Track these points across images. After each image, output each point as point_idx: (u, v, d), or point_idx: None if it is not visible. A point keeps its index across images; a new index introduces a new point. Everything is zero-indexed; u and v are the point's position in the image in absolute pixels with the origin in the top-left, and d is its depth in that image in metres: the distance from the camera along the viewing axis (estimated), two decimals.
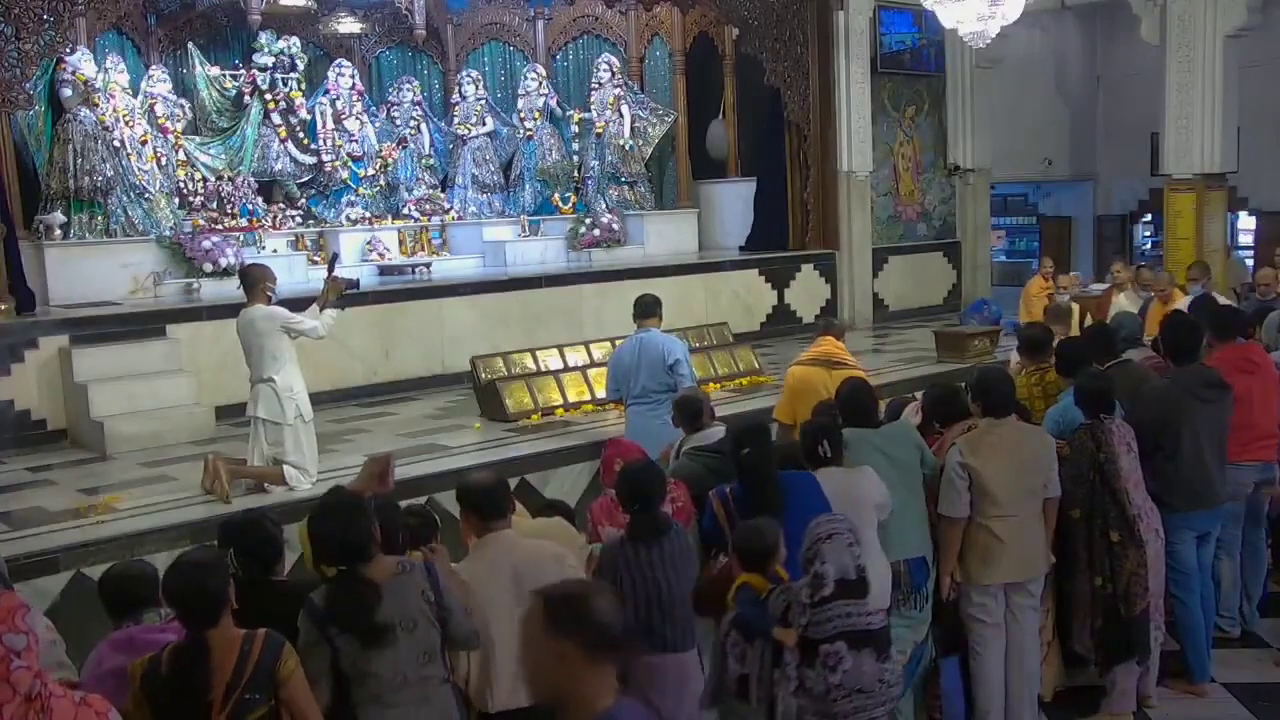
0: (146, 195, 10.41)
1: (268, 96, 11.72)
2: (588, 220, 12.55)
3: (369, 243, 11.63)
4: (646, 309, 6.82)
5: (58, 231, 9.61)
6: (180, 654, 2.93)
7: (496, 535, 3.63)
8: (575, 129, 13.40)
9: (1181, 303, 7.87)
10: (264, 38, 11.65)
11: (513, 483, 3.85)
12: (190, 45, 11.66)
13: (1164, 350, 5.52)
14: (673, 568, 3.83)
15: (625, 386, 6.69)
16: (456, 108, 13.22)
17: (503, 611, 3.50)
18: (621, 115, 13.02)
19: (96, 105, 10.03)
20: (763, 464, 4.13)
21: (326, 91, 12.27)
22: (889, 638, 3.50)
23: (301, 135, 11.99)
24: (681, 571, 3.87)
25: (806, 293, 12.39)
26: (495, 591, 3.52)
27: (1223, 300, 7.89)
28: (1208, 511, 5.24)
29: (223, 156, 11.50)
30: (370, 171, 12.39)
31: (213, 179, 11.25)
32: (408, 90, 12.93)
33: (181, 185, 10.99)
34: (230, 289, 9.71)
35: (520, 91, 13.36)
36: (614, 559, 3.86)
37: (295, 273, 10.67)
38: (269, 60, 11.72)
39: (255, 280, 6.36)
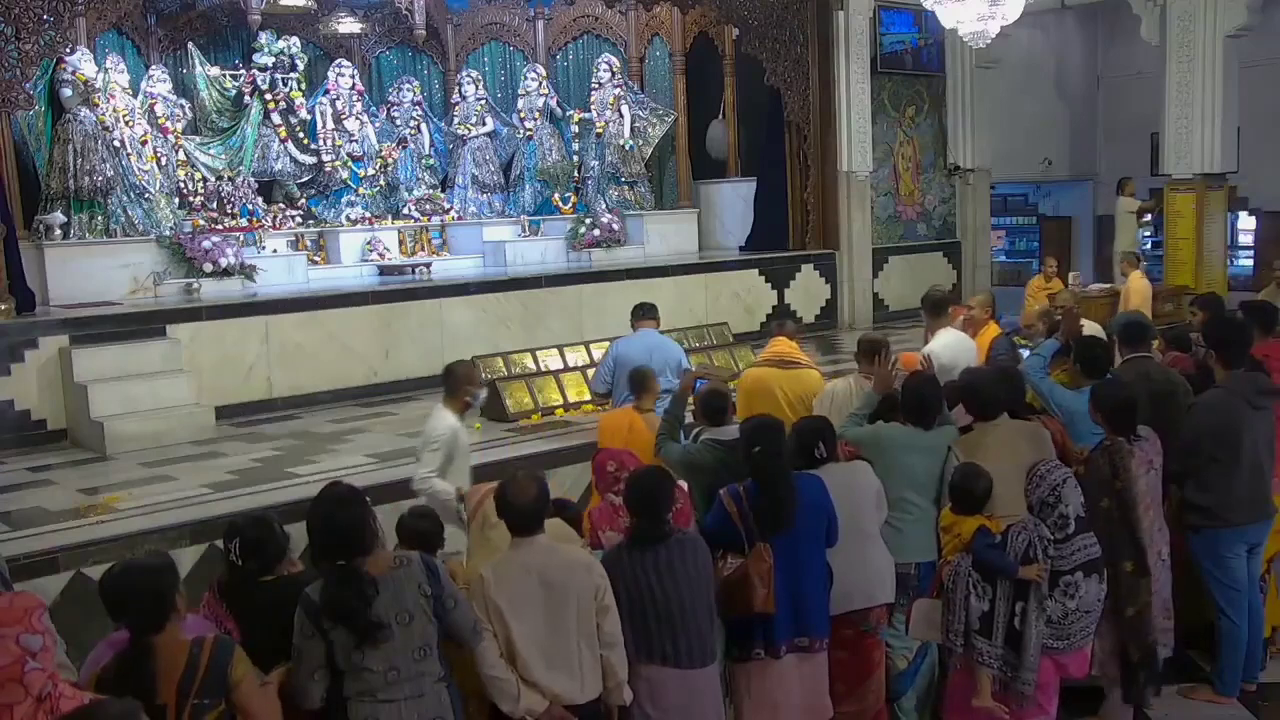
0: (146, 195, 10.41)
1: (268, 96, 11.71)
2: (588, 220, 12.55)
3: (369, 243, 11.62)
4: (648, 311, 6.91)
5: (58, 231, 9.61)
6: (124, 660, 2.91)
7: (530, 540, 3.63)
8: (575, 129, 13.39)
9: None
10: (264, 38, 11.64)
11: None
12: (190, 45, 11.65)
13: (1215, 352, 5.28)
14: (670, 576, 3.76)
15: (624, 382, 6.63)
16: (456, 108, 13.23)
17: (528, 615, 3.51)
18: (621, 115, 13.02)
19: (96, 105, 10.03)
20: (775, 462, 4.13)
21: (326, 91, 12.26)
22: (1103, 560, 4.05)
23: (301, 135, 11.98)
24: (684, 582, 3.78)
25: (806, 293, 12.39)
26: (523, 595, 3.52)
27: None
28: (1264, 523, 5.06)
29: (223, 156, 11.49)
30: (370, 171, 12.38)
31: (213, 179, 11.24)
32: (408, 90, 12.93)
33: (181, 185, 10.99)
34: (230, 289, 9.76)
35: (520, 91, 13.36)
36: (611, 564, 3.83)
37: (295, 273, 10.69)
38: (269, 60, 11.71)
39: (457, 382, 5.49)
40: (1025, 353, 6.88)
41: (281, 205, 11.85)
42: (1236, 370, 5.11)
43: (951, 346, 6.20)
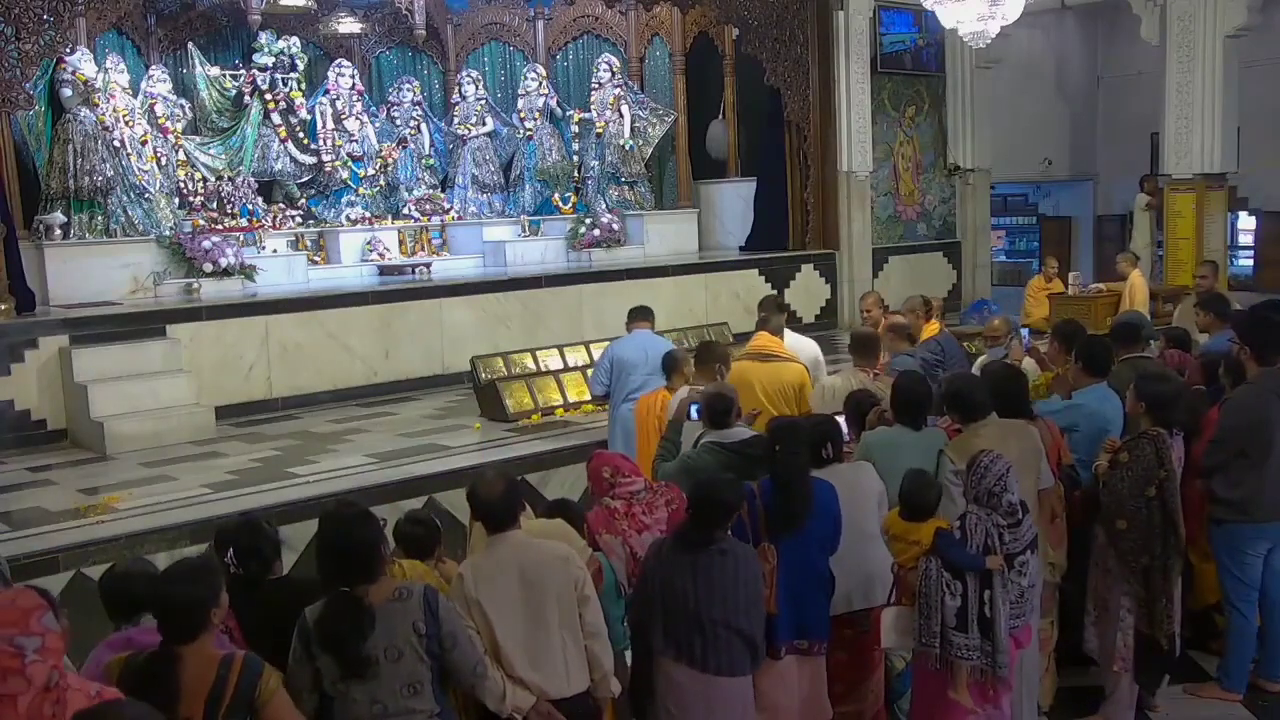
0: (146, 195, 10.40)
1: (268, 96, 11.71)
2: (588, 220, 12.55)
3: (369, 243, 11.62)
4: (642, 314, 6.98)
5: (58, 231, 9.60)
6: (149, 665, 2.88)
7: (505, 536, 3.63)
8: (575, 129, 13.39)
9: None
10: (264, 38, 11.64)
11: None
12: (190, 45, 11.66)
13: (1250, 349, 5.23)
14: (705, 584, 3.75)
15: (622, 382, 6.68)
16: (456, 108, 13.23)
17: (508, 611, 3.51)
18: (621, 115, 13.02)
19: (96, 105, 10.02)
20: (795, 462, 4.16)
21: (326, 91, 12.27)
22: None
23: (301, 135, 11.98)
24: (718, 591, 3.76)
25: (806, 293, 12.39)
26: (501, 591, 3.51)
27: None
28: None
29: (223, 156, 11.50)
30: (370, 171, 12.39)
31: (213, 179, 11.25)
32: (408, 90, 12.93)
33: (181, 185, 10.99)
34: (230, 289, 9.75)
35: (520, 91, 13.36)
36: (652, 557, 3.87)
37: (295, 273, 10.69)
38: (269, 60, 11.72)
39: (713, 357, 5.80)
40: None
41: (281, 205, 11.85)
42: (1268, 367, 5.10)
43: (790, 348, 6.55)
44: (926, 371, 6.20)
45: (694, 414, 5.15)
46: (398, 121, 12.82)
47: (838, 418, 5.01)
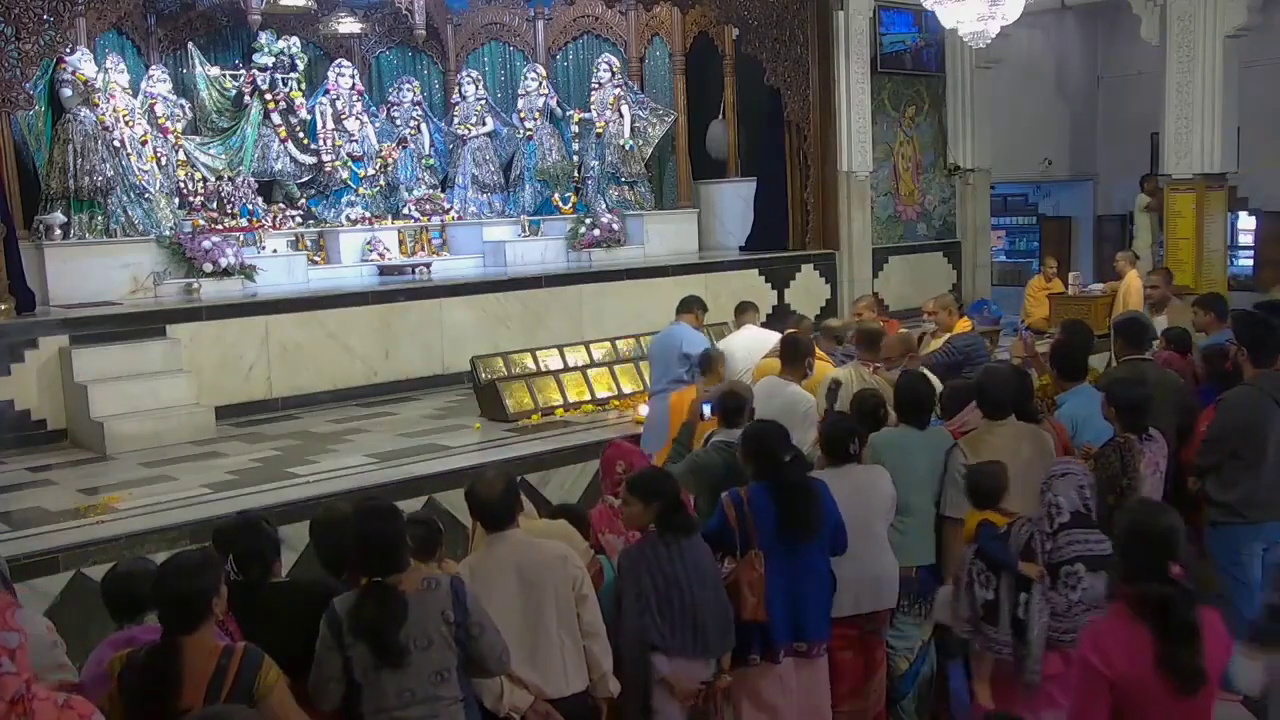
0: (146, 195, 10.40)
1: (268, 96, 11.71)
2: (588, 220, 12.55)
3: (369, 243, 11.62)
4: (680, 304, 7.21)
5: (58, 231, 9.60)
6: (151, 657, 2.90)
7: (503, 535, 3.64)
8: (575, 129, 13.39)
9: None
10: (264, 38, 11.64)
11: None
12: (190, 45, 11.66)
13: (1247, 350, 5.22)
14: (695, 570, 3.80)
15: (652, 377, 6.98)
16: (456, 108, 13.23)
17: (507, 610, 3.51)
18: (621, 115, 13.01)
19: (96, 105, 10.01)
20: (807, 469, 4.19)
21: (326, 91, 12.26)
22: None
23: (301, 135, 11.98)
24: (706, 577, 3.84)
25: (806, 293, 12.37)
26: (500, 590, 3.52)
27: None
28: None
29: (223, 156, 11.49)
30: (370, 171, 12.38)
31: (213, 179, 11.24)
32: (408, 90, 12.93)
33: (181, 185, 10.98)
34: (230, 289, 9.75)
35: (520, 91, 13.36)
36: (637, 559, 3.84)
37: (295, 273, 10.69)
38: (269, 60, 11.71)
39: (800, 354, 5.80)
40: None
41: (281, 205, 11.84)
42: (1264, 369, 5.09)
43: (748, 343, 6.85)
44: (948, 369, 6.22)
45: (705, 413, 5.16)
46: (398, 121, 12.81)
47: None
